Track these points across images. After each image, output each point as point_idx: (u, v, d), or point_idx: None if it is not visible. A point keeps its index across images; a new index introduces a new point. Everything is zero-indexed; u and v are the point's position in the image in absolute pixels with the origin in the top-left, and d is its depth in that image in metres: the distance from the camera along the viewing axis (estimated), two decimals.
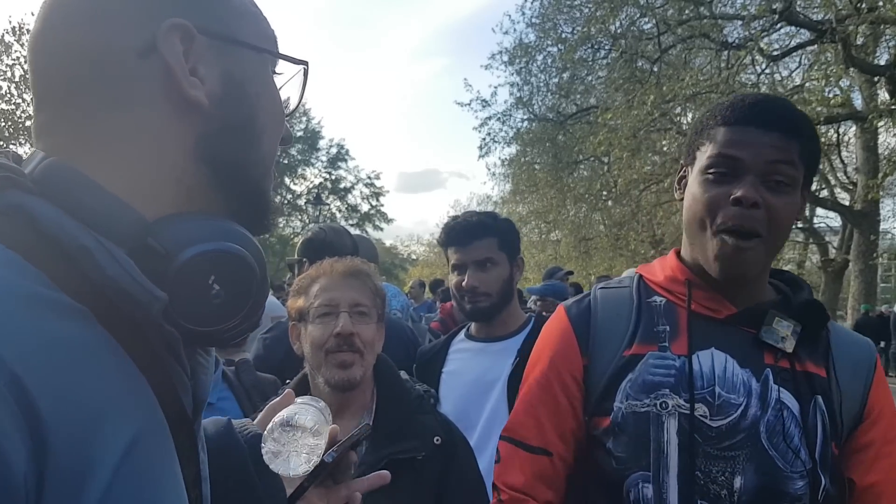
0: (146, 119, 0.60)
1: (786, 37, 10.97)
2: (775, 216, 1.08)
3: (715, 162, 1.11)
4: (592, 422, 1.21)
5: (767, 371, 1.13)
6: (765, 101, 1.13)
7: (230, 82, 0.64)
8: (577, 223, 16.59)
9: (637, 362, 1.17)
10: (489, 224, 2.04)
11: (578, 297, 1.34)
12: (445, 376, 2.01)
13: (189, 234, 0.58)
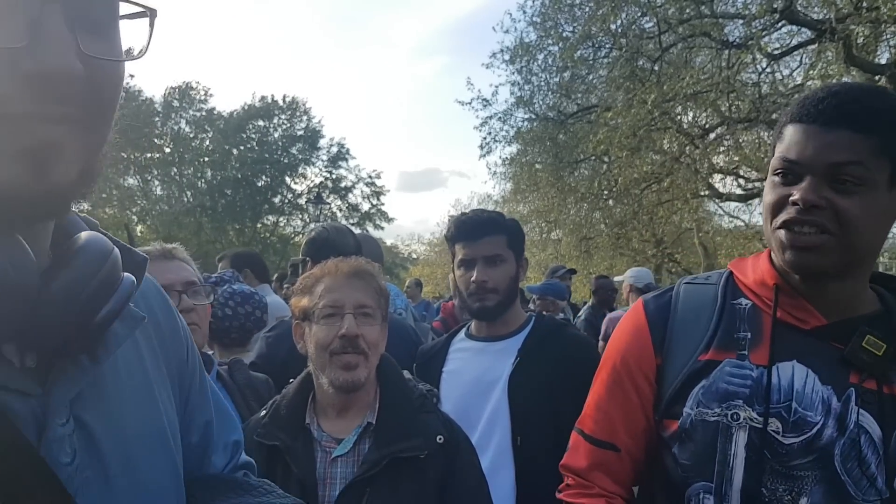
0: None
1: (786, 36, 10.95)
2: (844, 217, 1.01)
3: (779, 164, 1.07)
4: (662, 424, 1.17)
5: (851, 391, 1.05)
6: (833, 96, 1.04)
7: None
8: (577, 222, 16.56)
9: (713, 368, 1.12)
10: (499, 221, 2.04)
11: (660, 292, 1.29)
12: (446, 375, 2.02)
13: None
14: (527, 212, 18.30)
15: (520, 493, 1.85)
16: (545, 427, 1.84)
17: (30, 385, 0.58)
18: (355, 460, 1.45)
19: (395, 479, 1.41)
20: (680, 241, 19.25)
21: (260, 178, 31.09)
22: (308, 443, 1.47)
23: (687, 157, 11.96)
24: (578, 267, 14.56)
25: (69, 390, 0.60)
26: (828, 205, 1.01)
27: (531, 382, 1.89)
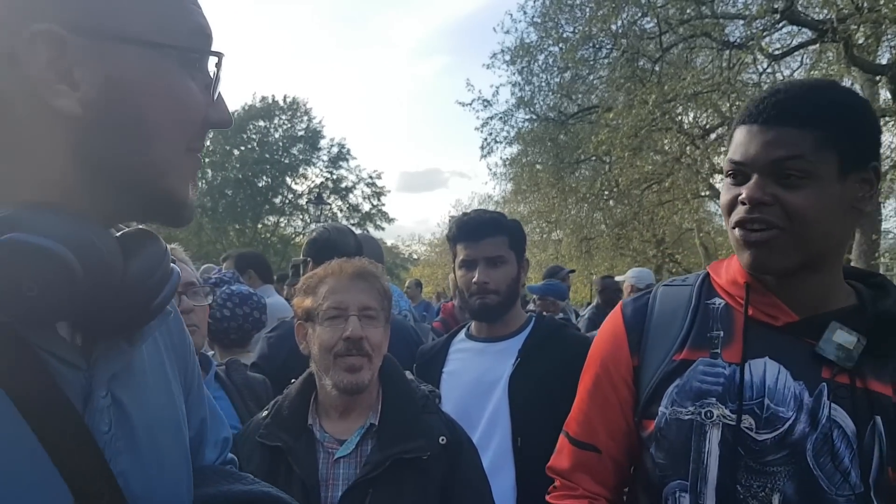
0: (15, 125, 0.60)
1: (787, 36, 10.95)
2: (792, 210, 1.03)
3: (728, 166, 1.11)
4: (641, 424, 1.19)
5: (823, 386, 1.06)
6: (773, 95, 1.07)
7: (111, 84, 0.62)
8: (578, 223, 16.55)
9: (686, 368, 1.14)
10: (501, 222, 2.04)
11: (638, 295, 1.31)
12: (446, 376, 2.02)
13: (13, 225, 0.58)
14: (527, 212, 18.29)
15: (520, 494, 1.85)
16: (545, 427, 1.83)
17: (80, 359, 0.65)
18: (358, 461, 1.45)
19: (397, 480, 1.41)
20: (681, 242, 19.25)
21: (260, 178, 31.11)
22: (310, 444, 1.47)
23: (688, 158, 11.96)
24: (579, 267, 14.58)
25: (110, 368, 0.68)
26: (774, 200, 1.04)
27: (531, 383, 1.89)
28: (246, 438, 1.53)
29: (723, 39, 10.11)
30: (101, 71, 0.61)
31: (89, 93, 0.60)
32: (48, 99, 0.59)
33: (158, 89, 0.64)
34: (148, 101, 0.63)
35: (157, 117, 0.64)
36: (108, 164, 0.63)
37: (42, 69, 0.59)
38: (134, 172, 0.64)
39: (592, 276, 18.82)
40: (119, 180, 0.64)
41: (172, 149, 0.67)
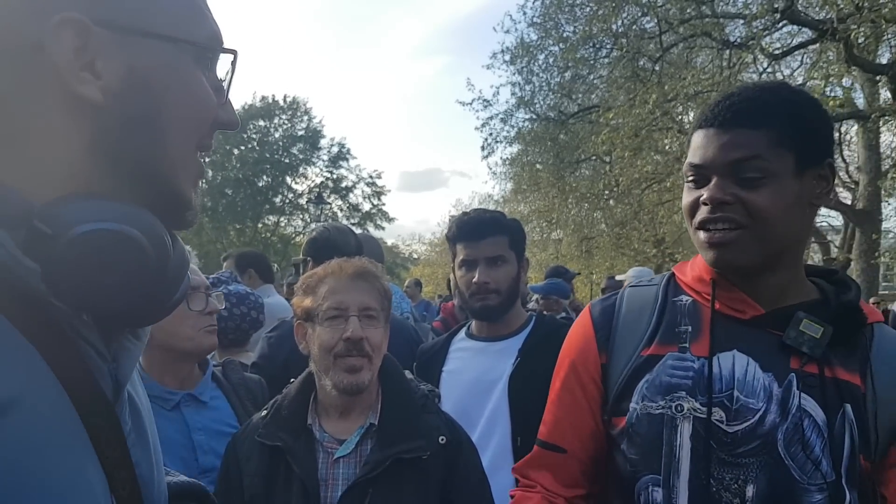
0: (37, 114, 0.60)
1: (787, 36, 10.94)
2: (753, 208, 1.05)
3: (687, 170, 1.14)
4: (611, 422, 1.20)
5: (792, 376, 1.08)
6: (727, 98, 1.10)
7: (132, 76, 0.63)
8: (578, 222, 16.56)
9: (655, 363, 1.15)
10: (501, 222, 2.04)
11: (606, 296, 1.33)
12: (446, 375, 2.01)
13: (77, 214, 0.59)
14: (528, 212, 18.29)
15: None
16: None
17: (108, 352, 0.65)
18: (357, 461, 1.44)
19: (397, 480, 1.41)
20: (681, 241, 19.23)
21: (261, 178, 31.11)
22: (310, 443, 1.46)
23: None
24: (579, 267, 14.56)
25: (131, 363, 0.69)
26: (735, 200, 1.06)
27: (531, 382, 1.89)
28: (245, 438, 1.52)
29: (723, 39, 10.10)
30: (122, 62, 0.62)
31: (111, 82, 0.61)
32: (73, 86, 0.59)
33: (177, 84, 0.65)
34: (166, 94, 0.64)
35: (174, 111, 0.65)
36: (124, 156, 0.64)
37: (68, 56, 0.59)
38: (148, 166, 0.65)
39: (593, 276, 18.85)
40: (133, 173, 0.65)
41: (185, 145, 0.68)
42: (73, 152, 0.62)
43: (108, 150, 0.63)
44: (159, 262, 0.62)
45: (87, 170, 0.62)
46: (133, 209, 0.62)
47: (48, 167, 0.61)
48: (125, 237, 0.59)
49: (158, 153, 0.65)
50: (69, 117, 0.61)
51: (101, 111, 0.61)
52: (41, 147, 0.61)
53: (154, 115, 0.64)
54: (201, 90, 0.68)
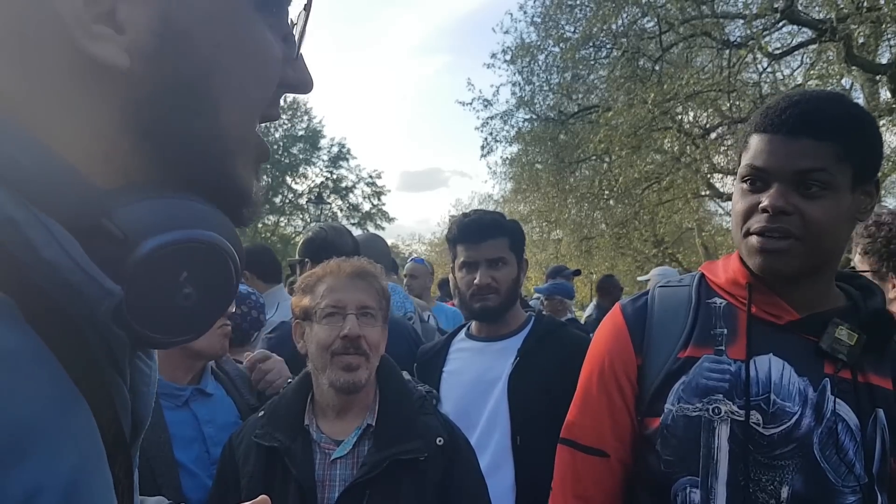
0: (51, 81, 0.45)
1: (787, 35, 10.94)
2: (810, 221, 1.06)
3: (746, 172, 1.12)
4: (644, 422, 1.20)
5: (826, 381, 1.09)
6: (794, 106, 1.09)
7: (168, 29, 0.46)
8: (578, 222, 16.54)
9: (692, 365, 1.15)
10: (502, 223, 2.05)
11: (635, 296, 1.33)
12: (446, 375, 2.02)
13: (155, 215, 0.45)
14: (527, 211, 18.28)
15: (519, 493, 1.85)
16: (545, 426, 1.83)
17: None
18: (354, 462, 1.44)
19: (394, 482, 1.40)
20: (681, 241, 19.24)
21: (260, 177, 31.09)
22: (307, 444, 1.46)
23: (687, 157, 11.94)
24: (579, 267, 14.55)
25: (151, 393, 0.57)
26: (795, 210, 1.06)
27: (531, 382, 1.89)
28: (242, 438, 1.52)
29: (723, 39, 10.09)
30: (154, 10, 0.45)
31: (139, 38, 0.45)
32: (85, 45, 0.43)
33: (230, 36, 0.49)
34: (216, 52, 0.48)
35: (227, 75, 0.49)
36: (164, 136, 0.48)
37: (76, 5, 0.43)
38: (196, 148, 0.49)
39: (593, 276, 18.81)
40: (179, 158, 0.49)
41: (243, 117, 0.52)
42: (102, 130, 0.46)
43: (145, 128, 0.47)
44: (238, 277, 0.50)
45: (123, 153, 0.47)
46: (210, 209, 0.49)
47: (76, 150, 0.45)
48: (217, 249, 0.47)
49: (208, 131, 0.49)
50: (88, 90, 0.45)
51: (128, 76, 0.45)
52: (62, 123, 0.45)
53: (200, 82, 0.48)
54: (263, 44, 0.51)
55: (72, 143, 0.45)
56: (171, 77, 0.47)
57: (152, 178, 0.49)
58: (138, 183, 0.48)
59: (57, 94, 0.45)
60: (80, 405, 0.42)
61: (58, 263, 0.41)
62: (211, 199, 0.50)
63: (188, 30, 0.47)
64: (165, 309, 0.46)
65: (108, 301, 0.43)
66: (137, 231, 0.44)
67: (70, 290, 0.42)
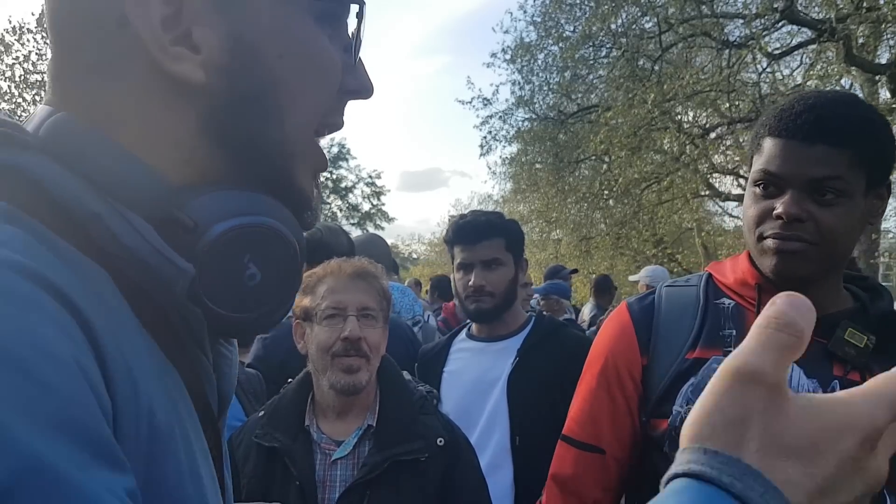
0: (137, 95, 0.50)
1: (787, 35, 10.93)
2: (824, 228, 1.05)
3: (759, 177, 1.10)
4: (650, 423, 1.19)
5: (835, 383, 1.09)
6: (810, 111, 1.07)
7: (237, 45, 0.51)
8: (577, 222, 16.54)
9: (700, 366, 1.14)
10: (497, 224, 2.05)
11: (642, 295, 1.31)
12: (447, 375, 2.02)
13: (221, 205, 0.51)
14: (527, 211, 18.29)
15: (518, 493, 1.85)
16: (544, 426, 1.84)
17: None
18: (355, 463, 1.44)
19: (395, 482, 1.40)
20: (680, 241, 19.25)
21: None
22: (307, 444, 1.46)
23: (687, 157, 11.95)
24: (578, 267, 14.55)
25: (233, 374, 0.62)
26: (809, 218, 1.05)
27: (530, 382, 1.89)
28: (242, 439, 1.52)
29: (722, 39, 10.10)
30: (225, 29, 0.51)
31: (212, 55, 0.50)
32: (166, 65, 0.49)
33: (292, 48, 0.53)
34: (280, 64, 0.52)
35: (292, 84, 0.53)
36: (237, 143, 0.53)
37: (156, 30, 0.48)
38: (264, 154, 0.54)
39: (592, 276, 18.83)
40: (246, 162, 0.54)
41: (305, 124, 0.56)
42: (183, 137, 0.52)
43: (219, 135, 0.52)
44: (303, 262, 0.55)
45: (200, 160, 0.52)
46: (272, 200, 0.54)
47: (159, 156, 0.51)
48: (277, 233, 0.52)
49: (274, 137, 0.54)
50: (171, 98, 0.51)
51: (205, 90, 0.51)
52: (146, 132, 0.51)
53: (268, 90, 0.53)
54: (323, 54, 0.55)
55: (155, 151, 0.51)
56: (242, 88, 0.52)
57: (230, 180, 0.54)
58: (212, 181, 0.53)
59: (142, 108, 0.51)
60: (170, 370, 0.49)
61: (136, 248, 0.47)
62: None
63: (255, 44, 0.52)
64: (233, 288, 0.51)
65: (183, 279, 0.48)
66: (206, 219, 0.50)
67: (149, 272, 0.48)
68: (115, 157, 0.49)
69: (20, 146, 0.47)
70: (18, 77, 17.92)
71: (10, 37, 17.61)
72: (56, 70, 0.53)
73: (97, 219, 0.46)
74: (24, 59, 19.05)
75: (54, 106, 0.51)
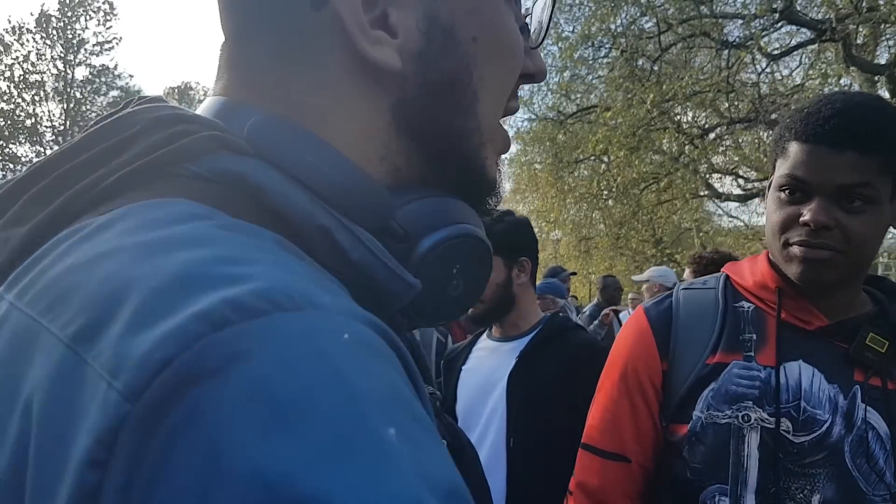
0: (333, 84, 0.46)
1: (786, 36, 10.97)
2: (852, 235, 1.03)
3: (785, 182, 1.09)
4: (669, 429, 1.18)
5: (856, 388, 1.07)
6: (838, 116, 1.04)
7: (434, 29, 0.47)
8: (577, 222, 16.58)
9: (721, 371, 1.13)
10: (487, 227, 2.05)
11: (658, 298, 1.29)
12: (463, 374, 2.05)
13: (428, 214, 0.49)
14: (526, 212, 18.30)
15: (509, 495, 1.85)
16: (536, 429, 1.84)
17: None
18: None
19: None
20: (679, 241, 19.27)
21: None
22: None
23: (686, 157, 11.97)
24: (578, 267, 14.58)
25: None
26: (836, 225, 1.03)
27: (529, 384, 1.89)
28: None
29: (722, 39, 10.12)
30: (420, 10, 0.47)
31: (409, 40, 0.47)
32: (364, 49, 0.45)
33: (485, 30, 0.49)
34: (474, 48, 0.49)
35: (483, 66, 0.50)
36: (427, 133, 0.50)
37: (357, 11, 0.44)
38: (454, 143, 0.51)
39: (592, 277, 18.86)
40: (437, 153, 0.51)
41: (495, 108, 0.53)
42: (376, 130, 0.48)
43: (411, 126, 0.49)
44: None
45: (395, 153, 0.49)
46: (466, 206, 0.52)
47: (353, 151, 0.47)
48: (481, 244, 0.51)
49: (467, 126, 0.51)
50: (365, 85, 0.47)
51: (399, 77, 0.47)
52: (340, 123, 0.47)
53: (462, 77, 0.49)
54: (513, 36, 0.52)
55: (352, 146, 0.47)
56: (436, 75, 0.48)
57: (416, 174, 0.51)
58: (406, 182, 0.50)
59: (338, 99, 0.47)
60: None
61: (364, 263, 0.43)
62: (465, 191, 0.53)
63: (450, 26, 0.48)
64: (438, 299, 0.50)
65: (409, 294, 0.45)
66: (416, 229, 0.48)
67: (375, 288, 0.43)
68: (332, 163, 0.45)
69: (234, 149, 0.42)
70: (18, 77, 17.94)
71: (9, 37, 17.61)
72: (232, 56, 0.49)
73: (325, 233, 0.42)
74: (23, 59, 19.06)
75: (232, 97, 0.48)
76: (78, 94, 22.07)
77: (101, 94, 22.81)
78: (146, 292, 0.31)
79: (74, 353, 0.30)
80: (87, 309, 0.31)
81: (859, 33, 8.68)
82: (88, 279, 0.33)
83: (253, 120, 0.44)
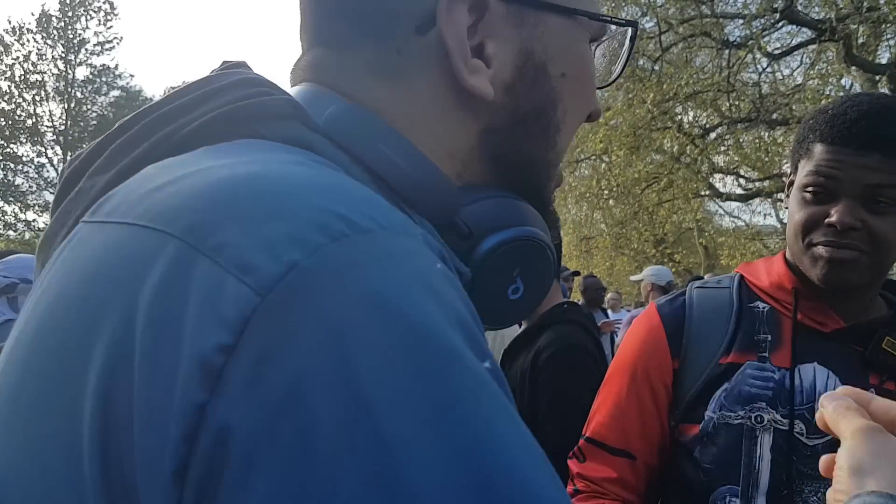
0: (419, 102, 0.48)
1: (787, 35, 10.97)
2: (878, 236, 1.03)
3: (811, 182, 1.08)
4: (679, 428, 1.17)
5: (871, 392, 1.08)
6: (864, 119, 1.05)
7: (526, 62, 0.49)
8: (578, 222, 16.61)
9: (734, 371, 1.12)
10: None
11: (671, 296, 1.28)
12: None
13: (494, 214, 0.50)
14: None
15: None
16: None
17: None
18: None
19: None
20: (680, 241, 19.27)
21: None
22: None
23: (687, 157, 11.98)
24: (579, 267, 14.56)
25: None
26: (863, 226, 1.03)
27: (511, 373, 1.93)
28: None
29: (722, 39, 10.12)
30: (516, 44, 0.49)
31: (502, 71, 0.48)
32: (463, 76, 0.46)
33: (572, 67, 0.51)
34: (562, 84, 0.51)
35: (567, 103, 0.52)
36: (509, 159, 0.52)
37: (462, 38, 0.46)
38: (527, 173, 0.53)
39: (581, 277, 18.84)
40: (514, 179, 0.53)
41: (567, 145, 0.55)
42: (458, 149, 0.50)
43: (494, 152, 0.51)
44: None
45: (472, 175, 0.51)
46: (532, 209, 0.53)
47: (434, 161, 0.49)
48: (543, 247, 0.52)
49: (546, 157, 0.53)
50: (456, 109, 0.49)
51: (489, 107, 0.49)
52: (423, 138, 0.49)
53: (548, 111, 0.51)
54: (592, 75, 0.54)
55: (432, 155, 0.48)
56: (525, 106, 0.50)
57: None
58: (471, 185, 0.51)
59: (426, 117, 0.49)
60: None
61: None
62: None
63: (542, 62, 0.50)
64: (496, 300, 0.50)
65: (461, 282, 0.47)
66: (480, 227, 0.49)
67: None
68: (407, 156, 0.46)
69: (307, 124, 0.44)
70: (19, 77, 17.96)
71: (10, 37, 17.64)
72: (322, 62, 0.50)
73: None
74: (24, 58, 19.07)
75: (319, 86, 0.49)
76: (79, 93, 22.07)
77: (101, 94, 22.81)
78: (261, 195, 0.33)
79: (188, 245, 0.32)
80: (196, 209, 0.33)
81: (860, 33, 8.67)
82: (194, 183, 0.35)
83: (334, 107, 0.46)
